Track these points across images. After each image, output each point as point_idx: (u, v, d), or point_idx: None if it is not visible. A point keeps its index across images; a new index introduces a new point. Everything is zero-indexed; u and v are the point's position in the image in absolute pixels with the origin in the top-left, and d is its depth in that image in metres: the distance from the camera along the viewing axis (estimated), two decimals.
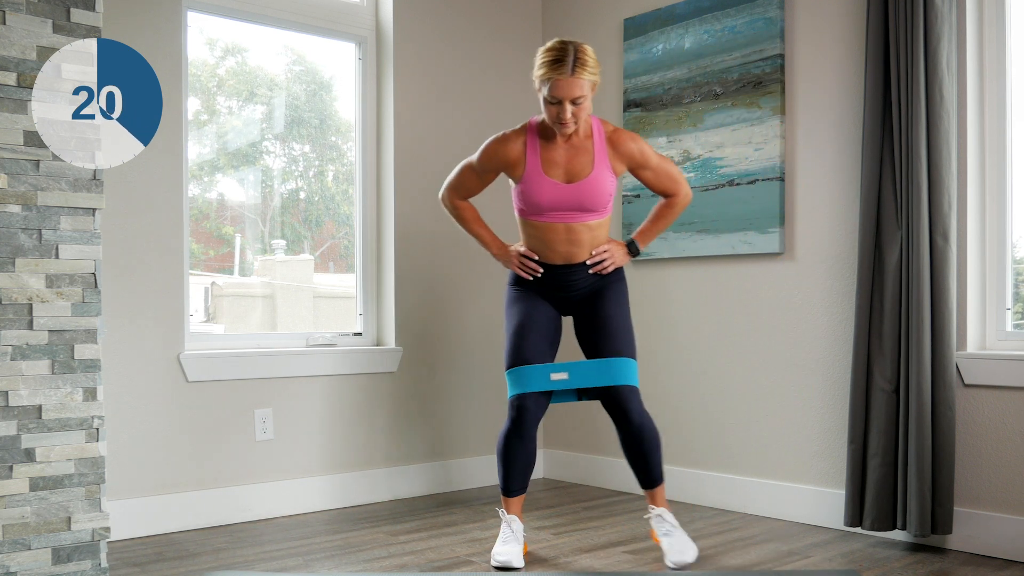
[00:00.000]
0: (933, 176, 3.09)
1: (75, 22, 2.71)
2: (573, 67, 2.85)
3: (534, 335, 3.07)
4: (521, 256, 3.14)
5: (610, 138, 3.05)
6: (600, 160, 3.01)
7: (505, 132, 3.10)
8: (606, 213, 3.08)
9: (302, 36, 4.02)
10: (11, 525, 2.58)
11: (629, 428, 3.03)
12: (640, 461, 3.07)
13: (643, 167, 3.11)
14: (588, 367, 3.03)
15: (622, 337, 3.07)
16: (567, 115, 2.89)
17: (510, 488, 3.10)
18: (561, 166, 3.02)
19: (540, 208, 3.03)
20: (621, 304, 3.13)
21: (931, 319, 3.08)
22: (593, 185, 3.00)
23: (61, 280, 2.68)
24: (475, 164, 3.15)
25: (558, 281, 3.12)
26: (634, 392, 3.03)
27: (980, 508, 3.12)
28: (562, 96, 2.87)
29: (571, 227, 3.04)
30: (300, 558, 3.12)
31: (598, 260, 3.09)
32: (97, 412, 2.72)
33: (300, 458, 3.79)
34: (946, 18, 3.09)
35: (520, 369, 3.03)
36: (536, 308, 3.12)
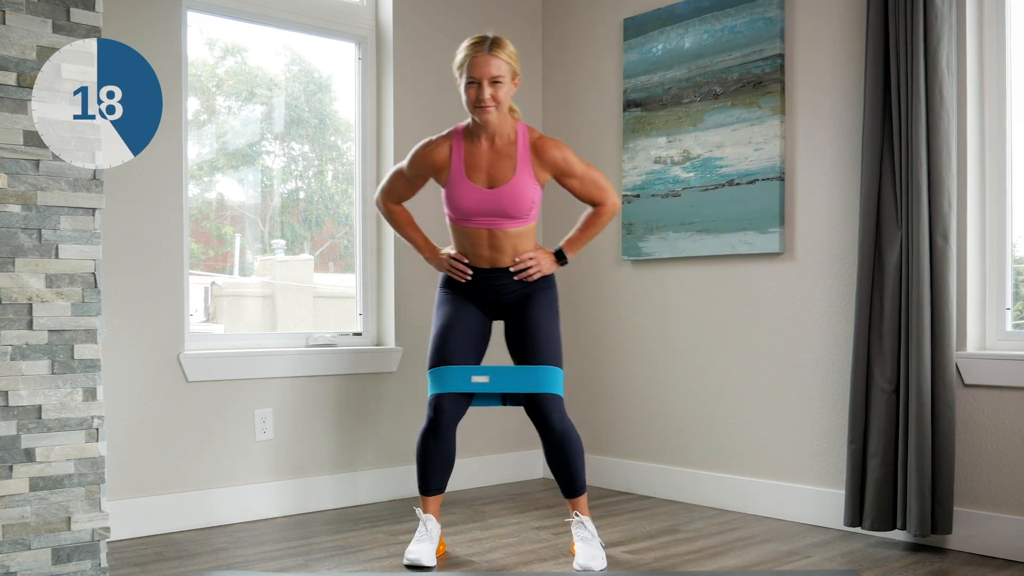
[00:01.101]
0: (933, 176, 3.09)
1: (75, 22, 2.71)
2: (490, 47, 2.91)
3: (458, 337, 3.08)
4: (451, 259, 3.15)
5: (534, 145, 3.05)
6: (522, 166, 3.02)
7: (432, 137, 3.13)
8: (529, 220, 3.08)
9: (302, 36, 4.02)
10: (11, 525, 2.58)
11: (551, 437, 3.03)
12: (562, 470, 3.07)
13: (568, 175, 3.10)
14: (512, 373, 3.04)
15: (547, 345, 3.07)
16: (485, 94, 2.92)
17: (427, 487, 3.10)
18: (484, 171, 3.04)
19: (463, 213, 3.05)
20: (549, 312, 3.14)
21: (931, 319, 3.08)
22: (514, 191, 3.01)
23: (61, 280, 2.68)
24: (405, 169, 3.18)
25: (486, 285, 3.13)
26: (557, 401, 3.02)
27: (980, 508, 3.12)
28: (479, 75, 2.91)
29: (494, 233, 3.05)
30: (300, 558, 3.12)
31: (523, 267, 3.10)
32: (97, 412, 2.72)
33: (300, 458, 3.79)
34: (946, 18, 3.09)
35: (441, 369, 3.04)
36: (462, 311, 3.13)
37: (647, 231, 4.03)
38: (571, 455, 3.05)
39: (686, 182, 3.89)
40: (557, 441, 3.03)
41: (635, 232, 4.08)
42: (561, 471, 3.07)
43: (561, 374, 3.07)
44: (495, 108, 2.95)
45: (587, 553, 2.98)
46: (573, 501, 3.11)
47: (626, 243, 4.12)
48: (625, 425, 4.19)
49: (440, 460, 3.09)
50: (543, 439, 3.05)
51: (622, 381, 4.20)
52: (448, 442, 3.08)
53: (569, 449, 3.04)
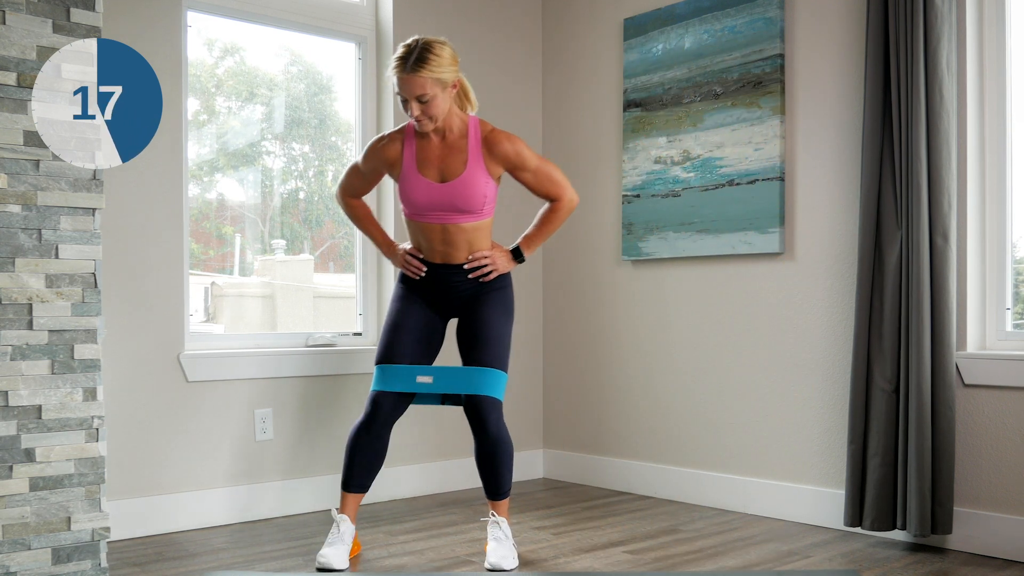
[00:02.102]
0: (933, 176, 3.09)
1: (75, 22, 2.71)
2: (412, 65, 2.85)
3: (407, 334, 3.08)
4: (407, 254, 3.14)
5: (486, 139, 3.03)
6: (473, 160, 3.00)
7: (385, 133, 3.13)
8: (484, 216, 3.06)
9: (302, 36, 4.02)
10: (11, 525, 2.58)
11: (485, 439, 3.02)
12: (490, 473, 3.07)
13: (520, 169, 3.08)
14: (454, 373, 3.03)
15: (493, 347, 3.06)
16: (414, 112, 2.90)
17: (349, 483, 3.07)
18: (435, 165, 3.02)
19: (416, 207, 3.04)
20: (501, 313, 3.12)
21: (931, 319, 3.08)
22: (465, 185, 2.99)
23: (61, 280, 2.68)
24: (360, 164, 3.17)
25: (440, 281, 3.11)
26: (495, 404, 3.02)
27: (980, 508, 3.12)
28: (405, 94, 2.89)
29: (447, 227, 3.04)
30: (300, 558, 3.12)
31: (477, 265, 3.08)
32: (97, 412, 2.72)
33: (300, 458, 3.79)
34: (946, 18, 3.09)
35: (386, 367, 3.04)
36: (415, 307, 3.13)
37: (647, 231, 4.03)
38: (500, 460, 3.05)
39: (686, 182, 3.89)
40: (490, 445, 3.03)
41: (635, 232, 4.08)
42: (488, 474, 3.07)
43: (504, 377, 3.05)
44: (430, 122, 2.93)
45: (498, 552, 2.97)
46: (494, 503, 3.10)
47: (626, 243, 4.12)
48: (625, 425, 4.19)
49: (369, 457, 3.06)
50: (476, 440, 3.04)
51: (622, 381, 4.20)
52: (381, 440, 3.06)
53: (500, 454, 3.04)
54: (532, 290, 4.55)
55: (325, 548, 2.99)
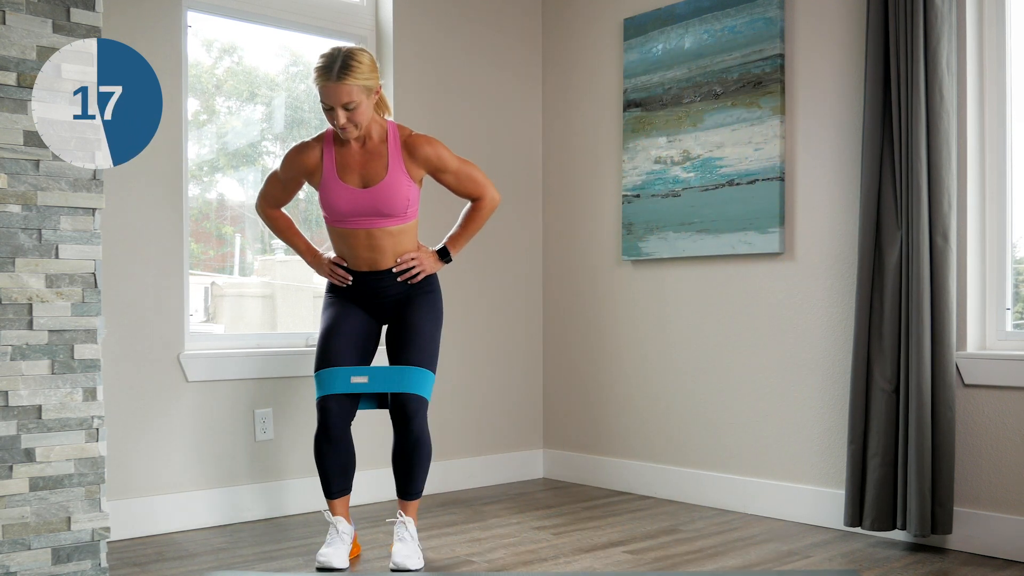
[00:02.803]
0: (933, 176, 3.09)
1: (75, 22, 2.71)
2: (338, 73, 2.85)
3: (340, 340, 3.07)
4: (332, 264, 3.14)
5: (405, 143, 3.03)
6: (394, 165, 3.01)
7: (304, 140, 3.12)
8: (408, 219, 3.07)
9: (302, 36, 4.02)
10: (11, 525, 2.58)
11: (406, 438, 3.02)
12: (406, 472, 3.06)
13: (441, 171, 3.09)
14: (385, 373, 3.03)
15: (421, 347, 3.06)
16: (341, 121, 2.90)
17: (330, 490, 3.08)
18: (356, 171, 3.02)
19: (339, 214, 3.04)
20: (429, 314, 3.12)
21: (931, 319, 3.08)
22: (388, 190, 2.99)
23: (61, 280, 2.68)
24: (279, 174, 3.16)
25: (367, 287, 3.11)
26: (421, 403, 3.02)
27: (980, 508, 3.12)
28: (331, 102, 2.89)
29: (371, 233, 3.04)
30: (300, 558, 3.12)
31: (405, 268, 3.08)
32: (97, 412, 2.72)
33: (300, 458, 3.79)
34: (946, 18, 3.09)
35: (322, 372, 3.04)
36: (346, 314, 3.13)
37: (647, 231, 4.03)
38: (418, 460, 3.04)
39: (686, 182, 3.89)
40: (411, 444, 3.02)
41: (635, 232, 4.08)
42: (404, 473, 3.06)
43: (431, 377, 3.05)
44: (354, 128, 2.93)
45: (403, 551, 2.97)
46: (404, 503, 3.09)
47: (626, 243, 4.12)
48: (625, 425, 4.19)
49: (338, 462, 3.06)
50: (396, 437, 3.04)
51: (622, 381, 4.20)
52: (342, 443, 3.06)
53: (419, 454, 3.04)
54: (532, 290, 4.56)
55: (325, 548, 2.99)
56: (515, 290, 4.49)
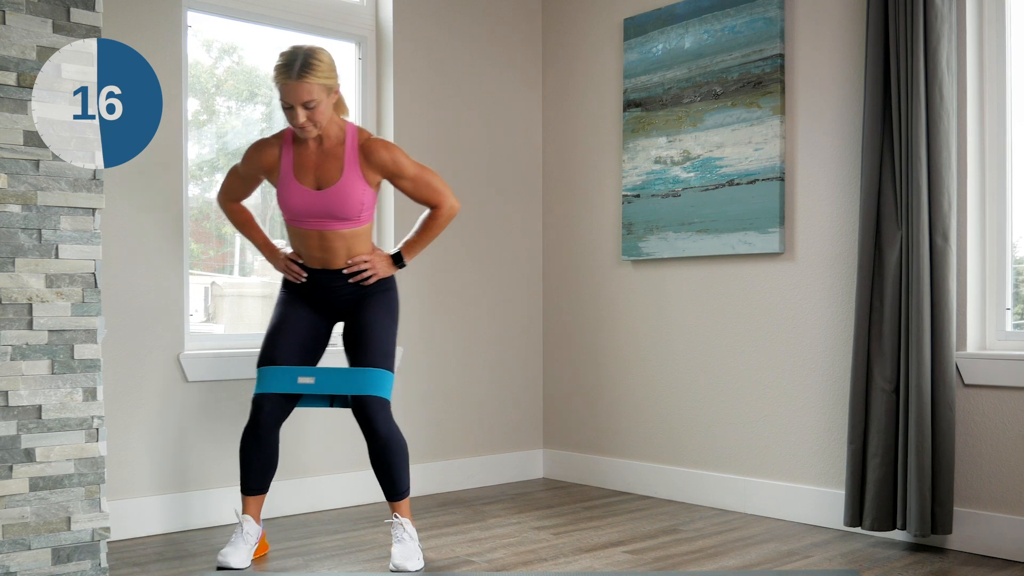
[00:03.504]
0: (933, 176, 3.09)
1: (75, 22, 2.71)
2: (299, 72, 2.85)
3: (287, 337, 3.07)
4: (287, 260, 3.14)
5: (363, 147, 3.03)
6: (349, 168, 3.00)
7: (264, 137, 3.12)
8: (361, 223, 3.06)
9: (302, 36, 4.01)
10: (11, 525, 2.58)
11: (375, 439, 3.01)
12: (385, 473, 3.05)
13: (398, 176, 3.08)
14: (339, 374, 3.02)
15: (378, 348, 3.05)
16: (300, 119, 2.90)
17: (247, 486, 3.08)
18: (312, 172, 3.02)
19: (293, 213, 3.04)
20: (385, 315, 3.11)
21: (931, 319, 3.08)
22: (341, 192, 2.99)
23: (61, 280, 2.68)
24: (239, 169, 3.17)
25: (321, 286, 3.11)
26: (383, 404, 3.01)
27: (980, 508, 3.12)
28: (291, 101, 2.88)
29: (324, 234, 3.03)
30: (300, 558, 3.12)
31: (357, 270, 3.08)
32: (97, 412, 2.72)
33: (300, 458, 3.79)
34: (946, 18, 3.09)
35: (265, 369, 3.04)
36: (296, 311, 3.13)
37: (647, 231, 4.03)
38: (394, 459, 3.03)
39: (686, 182, 3.89)
40: (381, 445, 3.01)
41: (635, 232, 4.08)
42: (383, 474, 3.05)
43: (390, 377, 3.05)
44: (313, 127, 2.93)
45: (402, 553, 2.97)
46: (394, 504, 3.08)
47: (626, 243, 4.12)
48: (625, 425, 4.19)
49: (260, 461, 3.06)
50: (367, 441, 3.03)
51: (622, 381, 4.20)
52: (269, 443, 3.05)
53: (392, 453, 3.02)
54: (532, 290, 4.56)
55: (226, 547, 3.00)
56: (515, 290, 4.49)
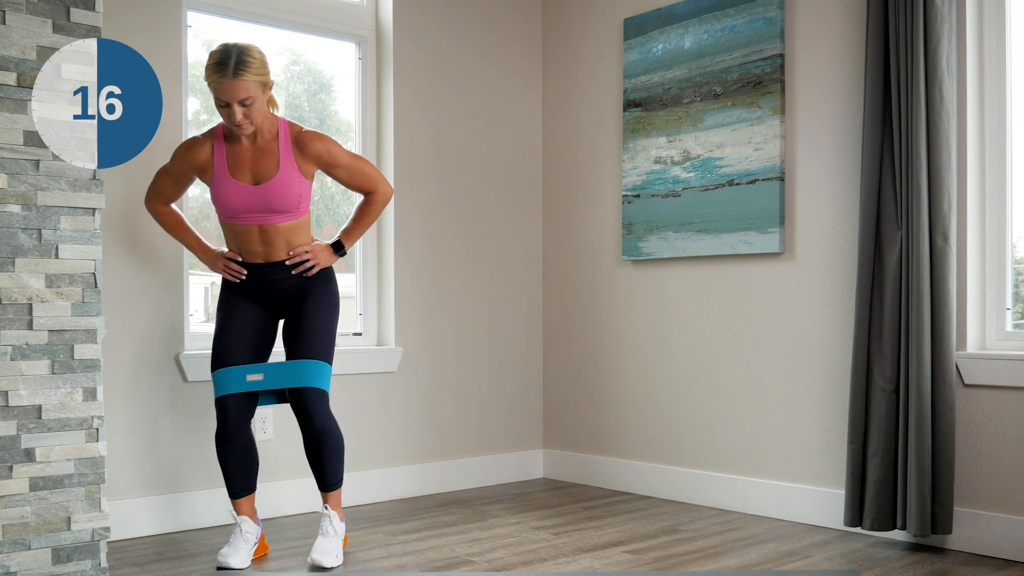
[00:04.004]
0: (933, 176, 3.09)
1: (75, 22, 2.71)
2: (234, 70, 2.86)
3: (234, 338, 3.08)
4: (225, 259, 3.14)
5: (296, 139, 3.04)
6: (285, 161, 3.01)
7: (194, 136, 3.11)
8: (300, 214, 3.07)
9: (302, 36, 4.02)
10: (11, 525, 2.58)
11: (311, 431, 3.03)
12: (318, 464, 3.07)
13: (333, 166, 3.10)
14: (280, 368, 3.04)
15: (316, 340, 3.06)
16: (237, 117, 2.90)
17: (233, 489, 3.09)
18: (247, 168, 3.02)
19: (231, 211, 3.04)
20: (323, 307, 3.12)
21: (931, 319, 3.08)
22: (279, 187, 3.00)
23: (61, 280, 2.68)
24: (169, 169, 3.15)
25: (261, 281, 3.11)
26: (320, 395, 3.02)
27: (980, 508, 3.12)
28: (227, 99, 2.88)
29: (264, 229, 3.04)
30: (300, 558, 3.12)
31: (299, 260, 3.08)
32: (97, 412, 2.72)
33: (300, 458, 3.78)
34: (946, 18, 3.09)
35: (218, 372, 3.04)
36: (239, 310, 3.12)
37: (647, 231, 4.03)
38: (328, 450, 3.05)
39: (686, 182, 3.89)
40: (316, 436, 3.03)
41: (635, 232, 4.08)
42: (317, 465, 3.07)
43: (328, 369, 3.06)
44: (250, 124, 2.94)
45: (322, 548, 2.98)
46: (326, 495, 3.10)
47: (626, 243, 4.12)
48: (625, 425, 4.19)
49: (239, 462, 3.07)
50: (303, 432, 3.05)
51: (622, 381, 4.20)
52: (242, 443, 3.06)
53: (327, 444, 3.04)
54: (532, 290, 4.56)
55: (225, 548, 3.01)
56: (515, 290, 4.49)
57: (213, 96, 2.91)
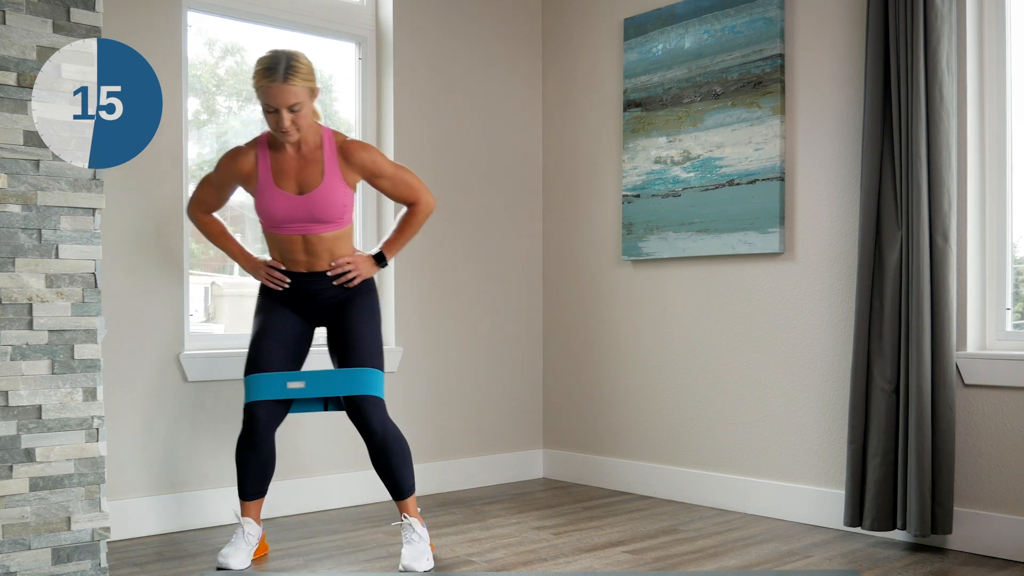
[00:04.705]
0: (933, 176, 3.09)
1: (75, 22, 2.71)
2: (284, 75, 2.85)
3: (272, 343, 3.06)
4: (268, 267, 3.12)
5: (341, 148, 3.03)
6: (330, 171, 3.01)
7: (238, 146, 3.11)
8: (343, 224, 3.07)
9: (302, 36, 4.02)
10: (11, 525, 2.58)
11: (372, 439, 3.01)
12: (387, 473, 3.04)
13: (377, 176, 3.09)
14: (329, 376, 3.02)
15: (367, 348, 3.05)
16: (285, 123, 2.89)
17: (245, 492, 3.07)
18: (292, 177, 3.01)
19: (275, 220, 3.03)
20: (368, 315, 3.11)
21: (931, 319, 3.08)
22: (324, 196, 2.99)
23: (61, 280, 2.68)
24: (212, 178, 3.15)
25: (304, 290, 3.10)
26: (377, 403, 3.00)
27: (980, 508, 3.12)
28: (276, 104, 2.87)
29: (308, 239, 3.04)
30: (300, 558, 3.12)
31: (341, 272, 3.08)
32: (97, 412, 2.72)
33: (299, 458, 3.79)
34: (946, 18, 3.09)
35: (254, 377, 3.02)
36: (278, 317, 3.11)
37: (647, 231, 4.03)
38: (394, 457, 3.03)
39: (686, 182, 3.89)
40: (379, 444, 3.01)
41: (635, 232, 4.08)
42: (386, 474, 3.04)
43: (381, 376, 3.05)
44: (296, 131, 2.93)
45: (411, 554, 2.95)
46: (400, 503, 3.07)
47: (626, 243, 4.12)
48: (625, 425, 4.19)
49: (257, 467, 3.05)
50: (366, 442, 3.03)
51: (622, 381, 4.20)
52: (264, 450, 3.04)
53: (392, 451, 3.02)
54: (532, 290, 4.56)
55: (226, 548, 3.00)
56: (515, 290, 4.49)
57: (261, 102, 2.90)
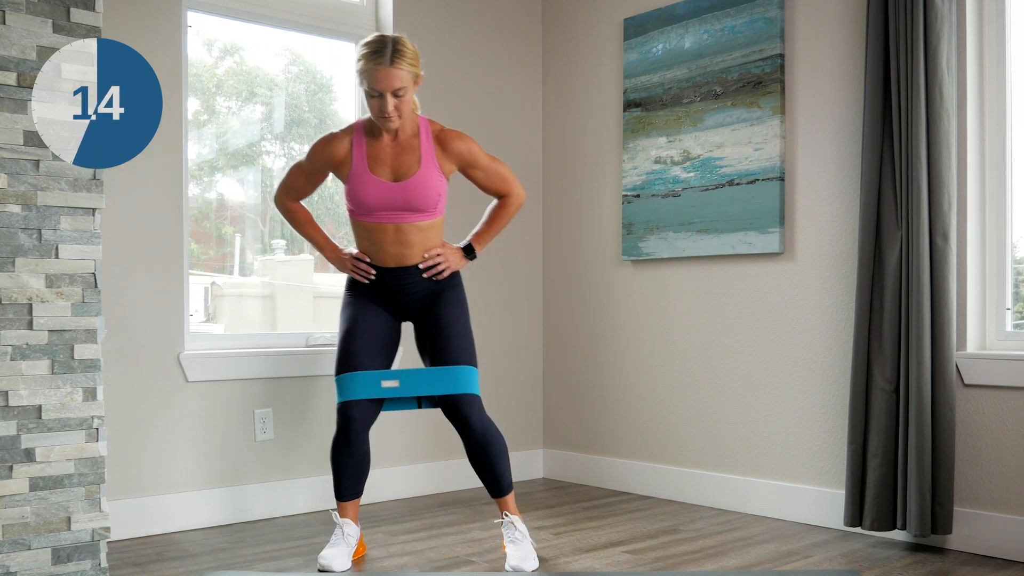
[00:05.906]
0: (933, 176, 3.09)
1: (75, 22, 2.71)
2: (391, 58, 2.83)
3: (363, 341, 3.03)
4: (354, 259, 3.09)
5: (438, 137, 3.01)
6: (427, 159, 2.98)
7: (332, 132, 3.09)
8: (436, 214, 3.04)
9: (302, 36, 4.02)
10: (11, 525, 2.58)
11: (472, 437, 2.98)
12: (487, 470, 3.03)
13: (472, 166, 3.07)
14: (424, 375, 2.99)
15: (460, 344, 3.02)
16: (389, 108, 2.86)
17: (342, 493, 3.05)
18: (388, 165, 2.99)
19: (367, 208, 2.99)
20: (459, 310, 3.09)
21: (931, 319, 3.08)
22: (420, 184, 2.96)
23: (61, 280, 2.68)
24: (304, 165, 3.12)
25: (392, 284, 3.07)
26: (474, 400, 2.98)
27: (980, 508, 3.12)
28: (382, 88, 2.84)
29: (400, 227, 3.00)
30: (300, 558, 3.12)
31: (431, 264, 3.05)
32: (97, 412, 2.72)
33: (300, 458, 3.79)
34: (946, 18, 3.09)
35: (347, 376, 2.99)
36: (368, 313, 3.08)
37: (647, 231, 4.03)
38: (494, 455, 3.01)
39: (686, 182, 3.89)
40: (479, 441, 2.99)
41: (635, 232, 4.08)
42: (485, 471, 3.03)
43: (476, 373, 3.03)
44: (398, 117, 2.91)
45: (518, 554, 2.94)
46: (501, 501, 3.06)
47: (626, 243, 4.12)
48: (625, 425, 4.19)
49: (353, 467, 3.03)
50: (464, 440, 3.01)
51: (622, 381, 4.20)
52: (360, 449, 3.02)
53: (492, 449, 3.00)
54: (532, 290, 4.56)
55: (327, 549, 2.98)
56: (515, 290, 4.49)
57: (365, 86, 2.87)
